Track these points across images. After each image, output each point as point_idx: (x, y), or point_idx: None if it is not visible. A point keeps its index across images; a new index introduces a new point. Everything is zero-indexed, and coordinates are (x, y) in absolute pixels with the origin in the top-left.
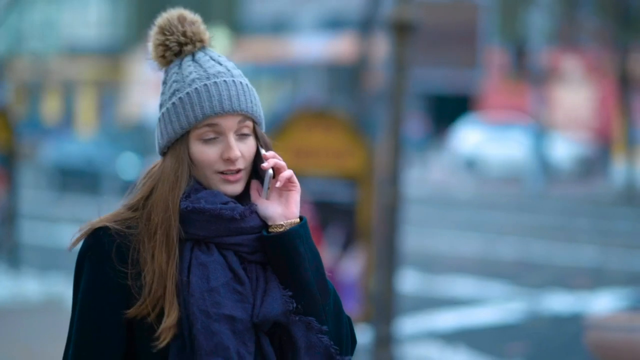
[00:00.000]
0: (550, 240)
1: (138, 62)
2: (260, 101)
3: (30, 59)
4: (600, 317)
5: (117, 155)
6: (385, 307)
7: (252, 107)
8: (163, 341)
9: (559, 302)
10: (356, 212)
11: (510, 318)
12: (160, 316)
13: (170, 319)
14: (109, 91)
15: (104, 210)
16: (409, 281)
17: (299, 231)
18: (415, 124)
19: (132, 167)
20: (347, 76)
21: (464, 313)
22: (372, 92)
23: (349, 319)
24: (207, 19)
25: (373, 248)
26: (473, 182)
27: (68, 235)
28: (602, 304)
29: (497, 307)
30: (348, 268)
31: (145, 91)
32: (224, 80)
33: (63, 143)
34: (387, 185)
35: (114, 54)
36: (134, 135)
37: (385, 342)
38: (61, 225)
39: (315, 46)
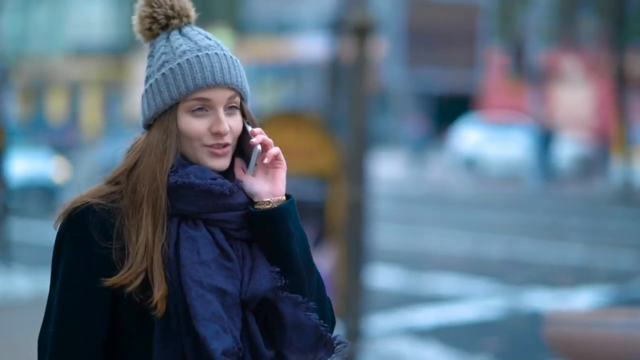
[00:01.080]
0: (540, 238)
1: (143, 62)
2: (265, 100)
3: (36, 59)
4: (558, 312)
5: None
6: (352, 303)
7: (241, 81)
8: (160, 310)
9: (539, 300)
10: (326, 210)
11: (489, 315)
12: (142, 288)
13: (161, 290)
14: (114, 91)
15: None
16: (393, 278)
17: (288, 208)
18: (415, 124)
19: None
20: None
21: (443, 310)
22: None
23: (329, 300)
24: (210, 19)
25: (342, 245)
26: (472, 182)
27: (53, 233)
28: (583, 301)
29: (478, 304)
30: (320, 265)
31: None
32: (216, 53)
33: (119, 140)
34: (352, 183)
35: (118, 53)
36: None
37: (352, 338)
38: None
39: (319, 46)
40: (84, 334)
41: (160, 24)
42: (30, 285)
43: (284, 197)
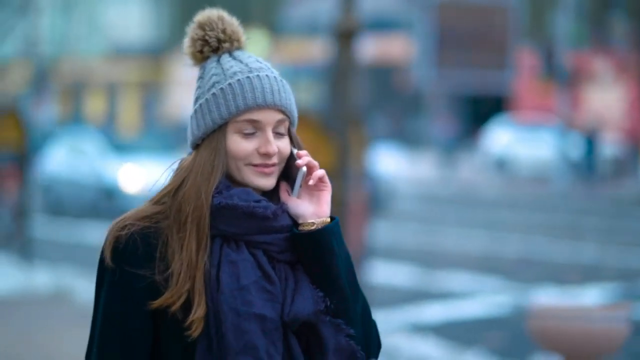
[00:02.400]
0: (556, 238)
1: (180, 63)
2: (300, 101)
3: (75, 60)
4: (543, 307)
5: None
6: None
7: (290, 105)
8: (195, 331)
9: (546, 297)
10: None
11: (494, 311)
12: (185, 307)
13: (200, 309)
14: (151, 92)
15: None
16: (405, 276)
17: (333, 229)
18: (445, 125)
19: None
20: (389, 78)
21: (449, 306)
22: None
23: (374, 323)
24: (246, 21)
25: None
26: (501, 182)
27: (80, 231)
28: (589, 298)
29: (484, 300)
30: None
31: (186, 92)
32: (267, 75)
33: None
34: (341, 180)
35: (156, 55)
36: None
37: None
38: (74, 220)
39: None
40: (126, 348)
41: (212, 47)
42: (50, 280)
43: (329, 219)
